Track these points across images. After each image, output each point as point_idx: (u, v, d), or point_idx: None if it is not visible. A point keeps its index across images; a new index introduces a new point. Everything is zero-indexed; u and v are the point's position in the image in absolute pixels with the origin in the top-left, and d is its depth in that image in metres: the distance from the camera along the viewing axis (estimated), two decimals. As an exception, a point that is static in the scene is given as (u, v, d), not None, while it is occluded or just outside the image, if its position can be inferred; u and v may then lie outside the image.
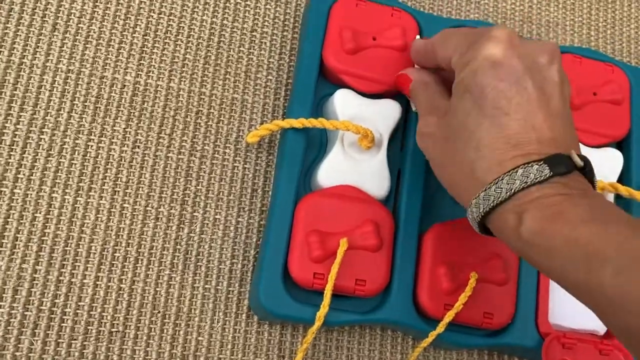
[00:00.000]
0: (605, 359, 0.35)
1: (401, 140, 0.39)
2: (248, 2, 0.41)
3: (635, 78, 0.41)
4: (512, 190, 0.27)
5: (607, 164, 0.39)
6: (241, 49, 0.40)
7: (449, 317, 0.33)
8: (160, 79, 0.39)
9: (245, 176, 0.38)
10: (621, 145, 0.41)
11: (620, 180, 0.39)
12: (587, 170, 0.28)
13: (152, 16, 0.40)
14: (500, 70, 0.29)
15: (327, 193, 0.35)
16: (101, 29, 0.39)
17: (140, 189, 0.37)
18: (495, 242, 0.36)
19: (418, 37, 0.38)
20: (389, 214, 0.35)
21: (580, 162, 0.27)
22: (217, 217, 0.37)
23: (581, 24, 0.47)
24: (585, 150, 0.38)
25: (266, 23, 0.41)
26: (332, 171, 0.35)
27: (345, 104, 0.36)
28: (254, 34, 0.41)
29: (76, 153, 0.36)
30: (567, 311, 0.36)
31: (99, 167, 0.36)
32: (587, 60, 0.41)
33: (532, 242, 0.26)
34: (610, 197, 0.38)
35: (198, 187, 0.37)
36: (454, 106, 0.30)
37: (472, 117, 0.29)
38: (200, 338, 0.35)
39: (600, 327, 0.36)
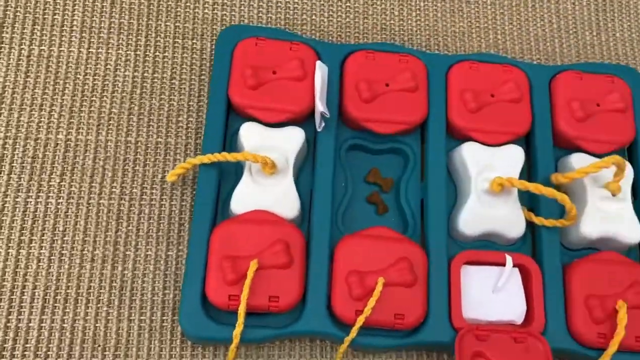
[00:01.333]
0: (520, 347, 0.37)
1: (312, 162, 0.41)
2: (166, 54, 0.45)
3: (535, 75, 0.44)
4: None
5: (508, 160, 0.41)
6: (162, 96, 0.44)
7: (359, 321, 0.36)
8: (90, 134, 0.43)
9: (172, 212, 0.41)
10: (528, 140, 0.43)
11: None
12: None
13: (78, 78, 0.44)
14: None
15: (239, 219, 0.38)
16: (33, 96, 0.43)
17: (77, 235, 0.40)
18: (402, 246, 0.38)
19: (319, 62, 0.41)
20: (298, 231, 0.38)
21: None
22: (148, 253, 0.40)
23: (487, 29, 0.49)
24: (487, 150, 0.41)
25: (184, 70, 0.45)
26: (242, 198, 0.38)
27: (249, 135, 0.39)
28: (173, 81, 0.45)
29: (16, 210, 0.40)
30: (482, 304, 0.38)
31: (37, 220, 0.40)
32: (484, 65, 0.43)
33: None
34: (514, 191, 0.40)
35: (129, 228, 0.41)
36: None
37: None
38: (139, 366, 0.38)
39: (517, 317, 0.38)
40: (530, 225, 0.41)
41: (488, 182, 0.39)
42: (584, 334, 0.37)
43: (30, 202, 0.40)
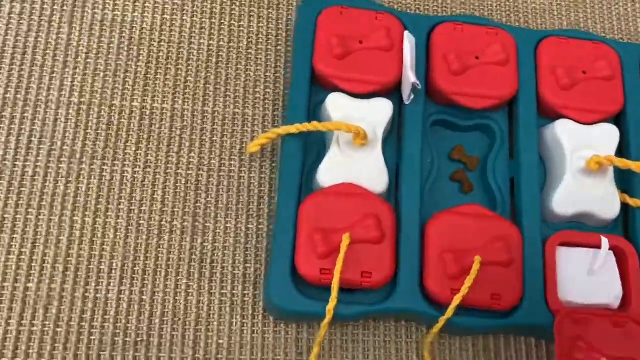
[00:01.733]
0: (620, 331, 0.35)
1: (397, 135, 0.40)
2: (241, 23, 0.44)
3: (626, 53, 0.42)
4: None
5: (604, 139, 0.39)
6: (238, 66, 0.43)
7: (456, 300, 0.34)
8: (165, 102, 0.41)
9: (252, 184, 0.40)
10: (618, 120, 0.41)
11: (620, 154, 0.40)
12: None
13: (153, 45, 0.42)
14: None
15: (327, 192, 0.36)
16: (107, 62, 0.41)
17: (154, 205, 0.39)
18: (496, 225, 0.37)
19: (407, 32, 0.40)
20: (388, 206, 0.36)
21: None
22: (227, 225, 0.39)
23: (568, 7, 0.47)
24: (582, 128, 0.39)
25: (260, 40, 0.43)
26: (330, 171, 0.37)
27: (336, 106, 0.38)
28: (249, 51, 0.43)
29: (92, 177, 0.39)
30: (577, 287, 0.37)
31: (114, 189, 0.39)
32: (573, 40, 0.42)
33: None
34: (610, 171, 0.38)
35: (208, 199, 0.39)
36: None
37: None
38: (220, 341, 0.37)
39: (612, 301, 0.37)
40: (623, 206, 0.39)
41: (584, 161, 0.38)
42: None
43: (106, 169, 0.39)
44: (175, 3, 0.43)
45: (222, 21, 0.43)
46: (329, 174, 0.37)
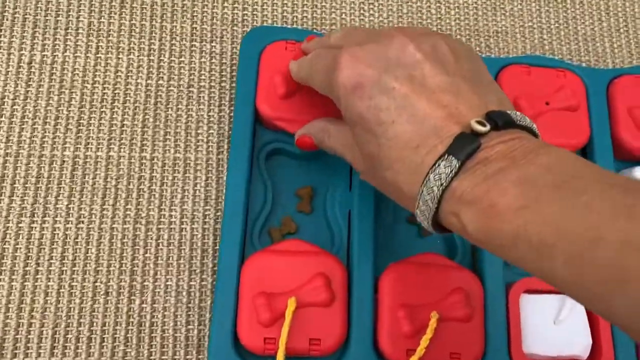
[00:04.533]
0: (590, 385, 0.33)
1: (349, 180, 0.37)
2: (182, 59, 0.41)
3: (591, 80, 0.40)
4: (436, 198, 0.24)
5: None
6: (179, 106, 0.40)
7: (412, 363, 0.32)
8: (100, 150, 0.38)
9: (194, 237, 0.37)
10: (584, 152, 0.39)
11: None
12: (508, 121, 0.25)
13: (86, 87, 0.39)
14: (359, 90, 0.27)
15: (271, 250, 0.34)
16: (36, 108, 0.38)
17: (88, 264, 0.36)
18: (455, 275, 0.34)
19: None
20: (339, 263, 0.34)
21: (501, 117, 0.25)
22: (168, 283, 0.36)
23: (532, 28, 0.45)
24: None
25: (203, 77, 0.41)
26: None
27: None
28: (191, 89, 0.40)
29: (20, 237, 0.36)
30: (543, 338, 0.34)
31: (44, 248, 0.36)
32: (535, 68, 0.39)
33: (483, 240, 0.24)
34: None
35: (146, 255, 0.36)
36: (356, 140, 0.29)
37: (371, 144, 0.27)
38: (161, 413, 0.34)
39: (582, 352, 0.34)
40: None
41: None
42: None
43: (35, 227, 0.36)
44: (109, 41, 0.40)
45: (162, 58, 0.41)
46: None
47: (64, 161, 0.38)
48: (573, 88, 0.39)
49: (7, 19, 0.40)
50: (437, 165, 0.24)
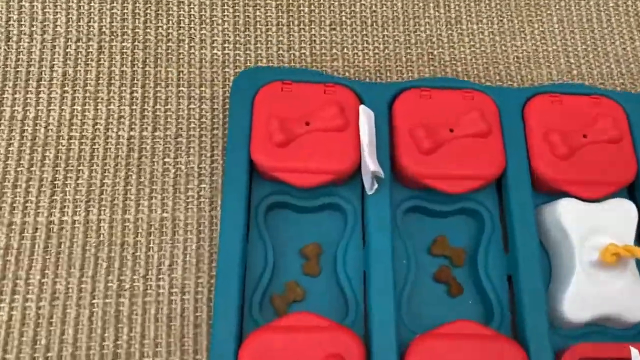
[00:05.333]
0: None
1: (362, 235, 0.32)
2: (168, 107, 0.36)
3: (632, 105, 0.35)
4: None
5: (619, 219, 0.31)
6: (166, 159, 0.35)
7: None
8: (77, 214, 0.34)
9: (185, 310, 0.32)
10: (632, 190, 0.33)
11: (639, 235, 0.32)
12: None
13: (61, 143, 0.35)
14: None
15: (274, 327, 0.28)
16: (5, 169, 0.34)
17: (64, 349, 0.31)
18: (495, 347, 0.29)
19: (362, 107, 0.32)
20: (355, 338, 0.28)
21: None
22: (156, 367, 0.31)
23: (557, 52, 0.40)
24: (589, 207, 0.31)
25: (192, 125, 0.36)
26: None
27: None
28: (179, 140, 0.36)
29: (-16, 320, 0.31)
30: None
31: (12, 332, 0.31)
32: (567, 97, 0.34)
33: None
34: (631, 261, 0.31)
35: (131, 334, 0.31)
36: None
37: None
38: None
39: None
40: (651, 301, 0.31)
41: (597, 251, 0.30)
42: None
43: (3, 307, 0.31)
44: (87, 90, 0.36)
45: (145, 107, 0.36)
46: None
47: (36, 228, 0.33)
48: (613, 116, 0.34)
49: (-27, 73, 0.36)
50: None
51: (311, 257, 0.33)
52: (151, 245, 0.33)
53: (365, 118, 0.32)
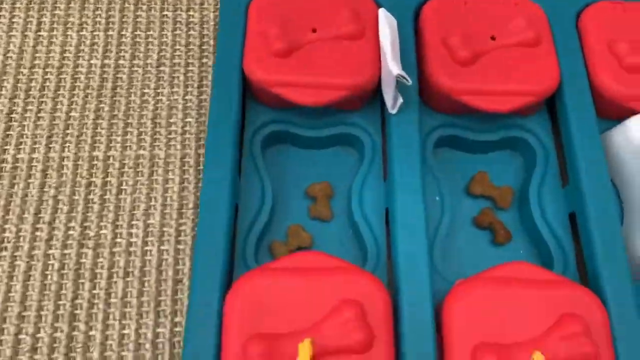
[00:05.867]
0: None
1: (382, 164, 0.26)
2: (150, 32, 0.31)
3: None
4: None
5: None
6: (145, 90, 0.29)
7: None
8: (36, 151, 0.28)
9: (163, 263, 0.26)
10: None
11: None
12: None
13: (21, 72, 0.29)
14: None
15: (273, 268, 0.22)
16: (-48, 101, 0.28)
17: (9, 308, 0.24)
18: (564, 295, 0.22)
19: (382, 10, 0.26)
20: (378, 284, 0.22)
21: None
22: (124, 332, 0.24)
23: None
24: None
25: (177, 53, 0.30)
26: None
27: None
28: (161, 69, 0.30)
29: None
30: None
31: (-54, 289, 0.25)
32: (630, 3, 0.28)
33: None
34: None
35: (94, 291, 0.25)
36: None
37: None
38: None
39: None
40: None
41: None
42: None
43: (-63, 260, 0.25)
44: (55, 15, 0.31)
45: (123, 33, 0.31)
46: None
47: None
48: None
49: None
50: None
51: (319, 198, 0.26)
52: (124, 187, 0.27)
53: (386, 22, 0.26)
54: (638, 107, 0.26)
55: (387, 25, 0.26)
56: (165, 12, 0.31)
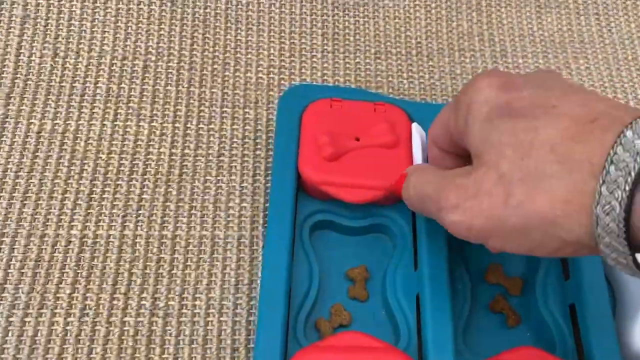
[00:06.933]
0: None
1: (413, 256, 0.31)
2: (211, 126, 0.36)
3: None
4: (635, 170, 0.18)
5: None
6: (207, 177, 0.34)
7: None
8: (112, 228, 0.32)
9: (222, 332, 0.30)
10: None
11: None
12: None
13: (100, 157, 0.34)
14: (506, 85, 0.23)
15: (323, 346, 0.26)
16: (42, 181, 0.33)
17: (90, 369, 0.29)
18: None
19: (415, 124, 0.31)
20: (410, 360, 0.26)
21: None
22: (189, 393, 0.28)
23: (603, 87, 0.40)
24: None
25: (235, 145, 0.35)
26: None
27: None
28: (221, 159, 0.35)
29: (10, 334, 0.29)
30: None
31: (37, 347, 0.29)
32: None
33: None
34: None
35: (163, 356, 0.29)
36: (488, 144, 0.23)
37: (523, 131, 0.22)
38: None
39: None
40: None
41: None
42: None
43: (29, 321, 0.29)
44: (130, 107, 0.36)
45: (188, 125, 0.36)
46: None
47: (69, 241, 0.32)
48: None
49: (17, 86, 0.36)
50: (622, 134, 0.19)
51: (358, 280, 0.31)
52: (189, 263, 0.32)
53: (418, 134, 0.31)
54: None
55: (418, 137, 0.31)
56: (225, 109, 0.37)
